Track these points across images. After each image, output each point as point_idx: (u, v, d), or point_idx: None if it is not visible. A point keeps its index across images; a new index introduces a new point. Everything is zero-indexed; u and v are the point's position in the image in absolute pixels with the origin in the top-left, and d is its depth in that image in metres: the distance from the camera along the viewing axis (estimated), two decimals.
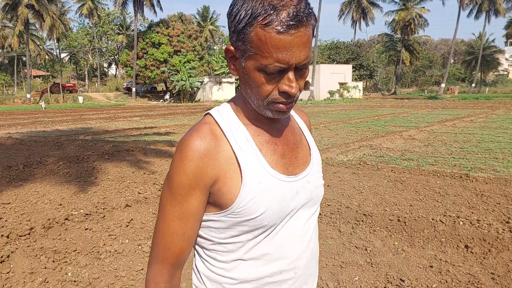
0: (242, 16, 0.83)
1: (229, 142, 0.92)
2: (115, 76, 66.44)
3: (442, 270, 3.36)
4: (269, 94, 0.87)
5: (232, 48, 0.89)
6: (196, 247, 1.01)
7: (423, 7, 49.37)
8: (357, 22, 57.50)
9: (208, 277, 0.99)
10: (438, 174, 6.55)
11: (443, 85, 45.70)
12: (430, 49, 68.69)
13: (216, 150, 0.90)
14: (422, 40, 58.37)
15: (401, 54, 52.89)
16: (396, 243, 3.97)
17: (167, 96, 44.65)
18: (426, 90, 55.97)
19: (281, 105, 0.89)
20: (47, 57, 54.39)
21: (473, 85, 51.10)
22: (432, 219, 4.34)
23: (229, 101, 1.01)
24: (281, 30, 0.80)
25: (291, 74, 0.85)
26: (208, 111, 0.97)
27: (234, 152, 0.91)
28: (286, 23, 0.80)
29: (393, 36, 54.99)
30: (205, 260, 0.99)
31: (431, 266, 3.45)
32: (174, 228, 0.91)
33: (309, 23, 0.83)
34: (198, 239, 0.98)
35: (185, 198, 0.89)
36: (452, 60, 50.25)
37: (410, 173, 6.72)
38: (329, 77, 41.44)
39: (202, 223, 0.96)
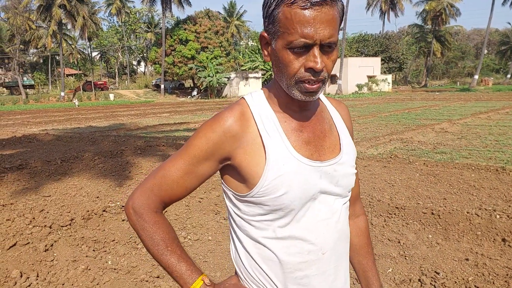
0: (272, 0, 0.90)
1: (256, 125, 0.98)
2: (144, 73, 67.69)
3: (479, 263, 3.30)
4: (297, 72, 0.91)
5: (265, 34, 0.96)
6: (232, 224, 1.08)
7: None
8: (386, 14, 56.31)
9: (242, 253, 1.07)
10: (473, 167, 6.39)
11: (476, 76, 44.14)
12: (463, 39, 66.49)
13: (241, 130, 0.97)
14: (454, 30, 56.53)
15: (432, 46, 51.43)
16: (430, 236, 3.92)
17: (194, 92, 45.17)
18: (458, 82, 54.25)
19: (307, 84, 0.92)
20: (79, 56, 55.96)
21: (508, 76, 49.06)
22: (467, 212, 4.26)
23: (263, 88, 1.07)
24: (305, 6, 0.86)
25: (316, 51, 0.89)
26: (243, 95, 1.05)
27: (260, 134, 0.97)
28: (309, 1, 0.86)
29: (423, 27, 53.50)
30: (240, 237, 1.06)
31: (467, 259, 3.40)
32: (176, 175, 1.01)
33: (334, 4, 0.88)
34: (235, 217, 1.05)
35: (197, 160, 0.99)
36: (485, 51, 48.53)
37: (443, 167, 6.59)
38: (357, 71, 40.84)
39: (237, 202, 1.03)
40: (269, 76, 44.79)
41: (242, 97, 1.05)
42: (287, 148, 0.97)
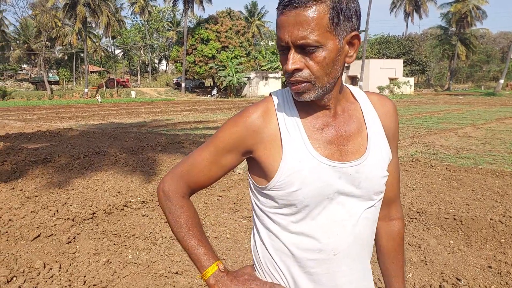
0: None
1: (278, 121, 1.01)
2: (165, 71, 68.47)
3: (502, 272, 3.22)
4: (285, 73, 0.96)
5: None
6: (253, 214, 1.13)
7: None
8: (410, 15, 55.46)
9: (258, 243, 1.11)
10: (497, 174, 6.24)
11: (501, 81, 43.03)
12: (488, 42, 64.94)
13: (263, 125, 1.01)
14: (479, 33, 55.27)
15: (456, 48, 50.41)
16: (452, 242, 3.85)
17: (214, 91, 45.46)
18: (483, 86, 53.03)
19: (291, 85, 0.96)
20: (102, 53, 57.03)
21: None
22: (491, 219, 4.16)
23: None
24: (280, 11, 0.91)
25: (290, 53, 0.92)
26: (271, 92, 1.08)
27: (280, 131, 1.00)
28: (282, 5, 0.91)
29: (447, 29, 52.48)
30: (258, 227, 1.11)
31: (490, 267, 3.32)
32: (202, 164, 1.08)
33: (307, 6, 0.88)
34: (255, 207, 1.10)
35: (222, 152, 1.05)
36: None
37: (466, 172, 6.45)
38: (379, 72, 40.38)
39: (257, 193, 1.07)
40: None
41: (270, 94, 1.08)
42: (306, 145, 0.99)
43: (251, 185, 1.10)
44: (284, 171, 0.98)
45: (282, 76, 44.34)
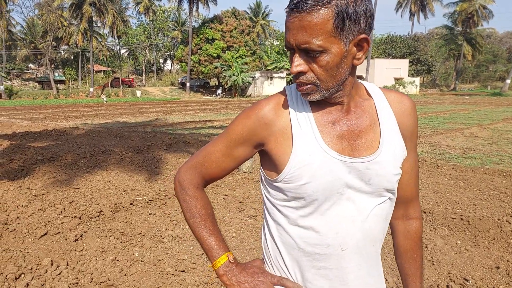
0: None
1: (289, 114, 1.03)
2: (170, 71, 68.65)
3: (510, 272, 3.20)
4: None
5: None
6: (264, 207, 1.14)
7: None
8: (416, 15, 55.22)
9: (268, 236, 1.13)
10: (504, 174, 6.20)
11: (508, 81, 42.74)
12: (495, 42, 64.52)
13: (275, 118, 1.03)
14: (485, 33, 54.97)
15: (462, 48, 50.13)
16: (459, 242, 3.83)
17: (219, 91, 45.50)
18: (489, 86, 52.70)
19: (297, 86, 0.98)
20: (108, 53, 57.28)
21: None
22: (498, 219, 4.14)
23: None
24: (287, 13, 0.93)
25: (295, 55, 0.95)
26: (285, 86, 1.10)
27: (291, 124, 1.01)
28: (288, 7, 0.92)
29: (453, 29, 52.19)
30: (268, 220, 1.12)
31: (498, 267, 3.30)
32: (216, 156, 1.11)
33: (312, 10, 0.88)
34: (266, 200, 1.11)
35: (234, 143, 1.08)
36: None
37: (473, 172, 6.41)
38: (384, 72, 40.24)
39: (268, 185, 1.08)
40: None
41: (284, 88, 1.10)
42: (316, 139, 0.99)
43: (262, 178, 1.11)
44: (294, 164, 0.99)
45: (287, 76, 44.32)
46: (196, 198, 1.12)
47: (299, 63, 0.94)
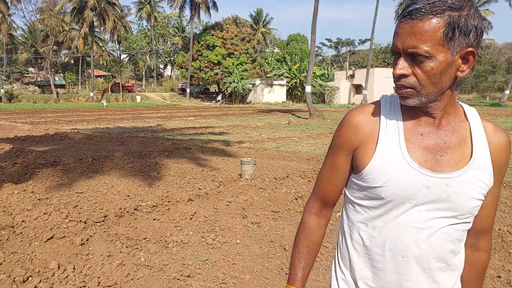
0: None
1: (379, 121, 1.09)
2: (170, 77, 68.80)
3: (511, 282, 3.25)
4: (394, 78, 1.04)
5: None
6: (344, 204, 1.23)
7: (487, 9, 46.74)
8: None
9: (341, 231, 1.23)
10: (504, 185, 6.25)
11: (507, 91, 42.95)
12: (494, 53, 64.92)
13: (364, 125, 1.10)
14: (485, 43, 55.29)
15: None
16: None
17: (219, 97, 45.61)
18: (488, 97, 52.96)
19: (398, 89, 1.03)
20: (108, 58, 57.44)
21: None
22: (499, 230, 4.19)
23: None
24: (400, 20, 0.99)
25: (400, 59, 0.99)
26: (382, 97, 1.18)
27: (379, 129, 1.08)
28: (402, 15, 0.98)
29: None
30: (343, 216, 1.22)
31: (499, 277, 3.35)
32: (325, 173, 1.21)
33: (424, 18, 0.94)
34: (346, 197, 1.20)
35: (335, 154, 1.16)
36: None
37: None
38: (383, 81, 40.41)
39: (350, 183, 1.17)
40: (293, 84, 44.83)
41: (380, 98, 1.17)
42: (401, 148, 1.04)
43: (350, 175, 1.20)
44: (374, 166, 1.06)
45: (287, 84, 44.48)
46: (302, 225, 1.25)
47: (402, 66, 0.99)
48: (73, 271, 3.28)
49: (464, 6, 0.96)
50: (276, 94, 43.80)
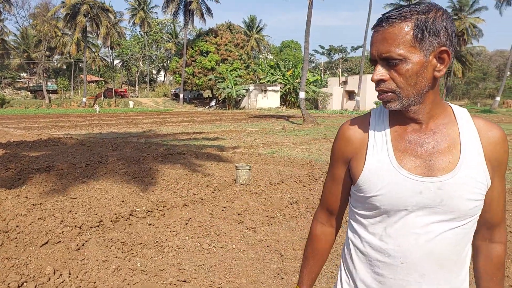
0: None
1: (368, 131, 1.14)
2: (163, 82, 68.74)
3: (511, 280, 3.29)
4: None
5: None
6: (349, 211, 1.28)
7: (478, 17, 47.39)
8: None
9: (346, 234, 1.27)
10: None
11: (498, 98, 43.46)
12: (484, 60, 65.83)
13: (355, 137, 1.16)
14: (475, 51, 56.06)
15: (452, 66, 51.00)
16: None
17: (213, 103, 45.64)
18: (479, 103, 53.56)
19: (378, 95, 1.07)
20: (101, 63, 57.28)
21: None
22: None
23: None
24: (373, 30, 1.05)
25: (377, 65, 1.05)
26: (373, 108, 1.25)
27: (368, 140, 1.13)
28: (374, 25, 1.05)
29: None
30: (348, 222, 1.26)
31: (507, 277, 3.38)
32: (327, 184, 1.28)
33: (393, 24, 1.00)
34: (350, 205, 1.25)
35: (334, 165, 1.24)
36: (508, 72, 47.79)
37: None
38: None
39: (350, 192, 1.22)
40: (287, 90, 45.01)
41: (371, 110, 1.22)
42: (389, 157, 1.08)
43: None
44: (365, 177, 1.10)
45: (281, 90, 44.65)
46: (311, 233, 1.34)
47: (379, 72, 1.04)
48: (69, 276, 3.26)
49: (432, 9, 1.00)
50: (270, 100, 43.92)
